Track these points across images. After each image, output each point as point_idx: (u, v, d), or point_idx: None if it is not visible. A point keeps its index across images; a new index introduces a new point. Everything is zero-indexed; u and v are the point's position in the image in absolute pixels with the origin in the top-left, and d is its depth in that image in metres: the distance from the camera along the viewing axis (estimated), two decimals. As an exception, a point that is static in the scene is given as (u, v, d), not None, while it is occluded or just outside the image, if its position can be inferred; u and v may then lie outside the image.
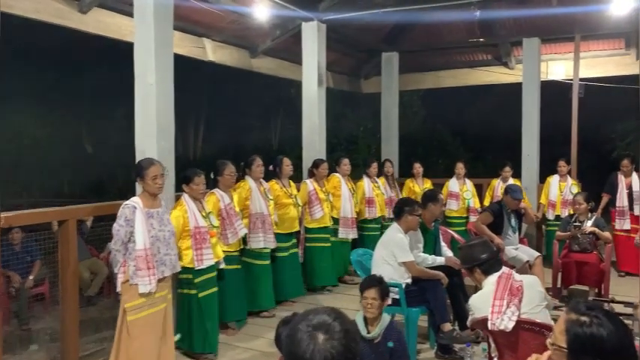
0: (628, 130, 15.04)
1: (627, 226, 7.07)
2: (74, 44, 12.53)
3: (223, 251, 4.71)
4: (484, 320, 2.97)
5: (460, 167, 7.98)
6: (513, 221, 5.86)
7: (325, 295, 6.40)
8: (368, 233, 7.12)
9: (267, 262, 5.54)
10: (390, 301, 3.77)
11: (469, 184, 7.99)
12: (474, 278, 3.26)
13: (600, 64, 9.03)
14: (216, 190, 4.94)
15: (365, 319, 3.51)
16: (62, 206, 4.48)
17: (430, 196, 5.23)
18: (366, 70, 10.69)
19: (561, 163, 7.73)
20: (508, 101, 18.81)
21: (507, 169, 7.87)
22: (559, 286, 6.00)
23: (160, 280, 3.77)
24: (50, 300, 6.46)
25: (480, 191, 8.38)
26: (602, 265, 5.78)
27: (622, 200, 7.14)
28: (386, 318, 3.53)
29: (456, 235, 6.55)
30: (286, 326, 2.61)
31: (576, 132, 8.41)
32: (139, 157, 4.81)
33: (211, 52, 7.49)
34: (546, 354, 2.00)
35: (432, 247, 5.10)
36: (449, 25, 8.82)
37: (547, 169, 8.25)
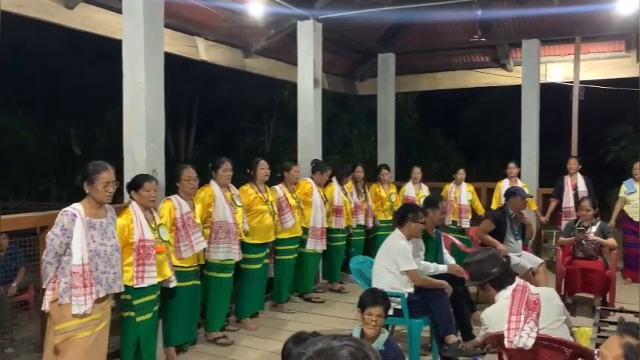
0: (623, 133, 14.99)
1: None
2: (62, 42, 12.29)
3: (176, 266, 4.18)
4: (499, 336, 2.76)
5: (417, 172, 7.73)
6: (516, 228, 5.70)
7: (292, 315, 5.77)
8: (335, 244, 6.60)
9: (229, 275, 4.88)
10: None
11: (425, 189, 7.74)
12: (487, 294, 3.04)
13: (599, 66, 8.89)
14: (173, 197, 4.38)
15: (362, 335, 3.28)
16: (49, 210, 4.24)
17: (429, 202, 5.07)
18: (362, 71, 10.49)
19: (511, 165, 7.61)
20: (503, 104, 18.86)
21: (461, 171, 7.78)
22: (563, 293, 5.81)
23: (95, 301, 3.29)
24: (35, 308, 6.21)
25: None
26: (607, 272, 5.62)
27: (568, 201, 7.15)
28: (384, 334, 3.32)
29: (456, 242, 6.37)
30: (297, 344, 2.40)
31: (577, 135, 8.25)
32: (127, 159, 4.62)
33: (204, 51, 7.25)
34: None
35: (434, 255, 4.93)
36: (446, 25, 8.65)
37: (544, 173, 8.13)
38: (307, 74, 7.02)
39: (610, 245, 5.74)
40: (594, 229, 5.82)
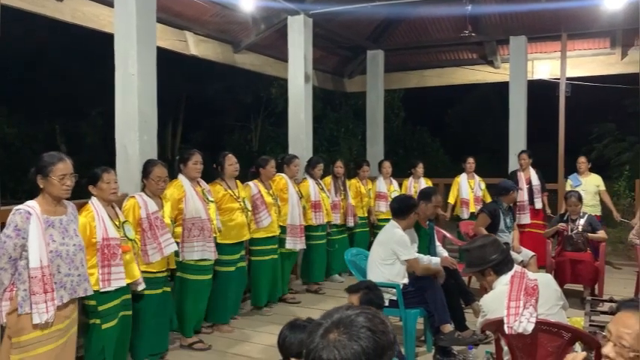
0: (606, 131, 15.21)
1: (527, 220, 7.16)
2: (48, 36, 12.14)
3: (142, 271, 3.83)
4: (498, 322, 2.79)
5: (387, 166, 7.57)
6: (508, 221, 5.79)
7: (268, 317, 5.47)
8: (315, 242, 6.31)
9: (209, 277, 4.58)
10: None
11: (395, 184, 7.66)
12: (486, 281, 3.07)
13: (584, 63, 9.01)
14: (138, 194, 4.03)
15: None
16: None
17: (423, 194, 5.10)
18: (350, 68, 10.52)
19: (470, 160, 7.73)
20: (487, 103, 19.04)
21: (421, 165, 7.79)
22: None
23: (58, 308, 2.94)
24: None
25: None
26: (596, 264, 5.70)
27: (522, 195, 7.23)
28: None
29: (448, 235, 6.41)
30: (293, 331, 2.41)
31: (563, 131, 8.35)
32: (119, 152, 4.59)
33: (193, 45, 7.21)
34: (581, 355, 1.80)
35: (427, 247, 4.95)
36: (435, 22, 8.71)
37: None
38: (298, 69, 7.01)
39: (600, 238, 5.82)
40: (582, 222, 5.91)
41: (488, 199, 7.63)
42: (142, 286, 3.76)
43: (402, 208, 4.49)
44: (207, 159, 5.12)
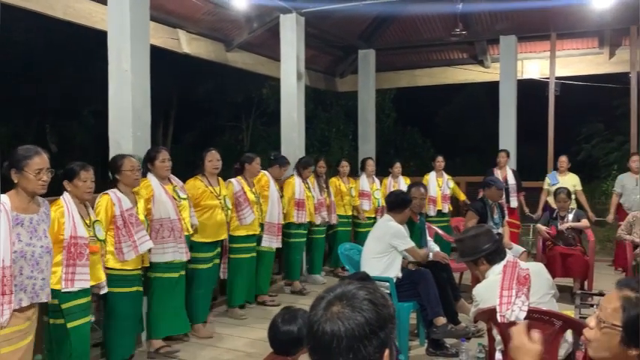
0: (594, 131, 15.36)
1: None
2: (38, 34, 12.07)
3: (116, 269, 3.77)
4: (491, 311, 2.83)
5: (370, 164, 7.47)
6: (496, 217, 5.83)
7: (245, 320, 5.22)
8: (294, 240, 6.20)
9: (178, 274, 4.39)
10: None
11: (378, 183, 7.57)
12: (478, 270, 3.11)
13: (573, 63, 9.13)
14: (111, 191, 3.86)
15: None
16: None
17: (409, 188, 5.16)
18: (342, 67, 10.57)
19: (439, 159, 7.78)
20: (476, 103, 19.14)
21: (398, 165, 7.73)
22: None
23: (19, 310, 2.76)
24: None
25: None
26: (586, 258, 5.79)
27: None
28: None
29: (439, 231, 6.46)
30: (284, 322, 2.42)
31: (553, 130, 8.45)
32: (113, 148, 4.59)
33: (186, 44, 7.22)
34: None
35: (419, 241, 4.98)
36: (426, 21, 8.78)
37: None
38: (290, 68, 7.04)
39: (584, 227, 5.96)
40: (571, 217, 6.04)
41: (462, 197, 7.77)
42: (104, 290, 3.59)
43: (398, 202, 4.55)
44: (198, 159, 5.10)
